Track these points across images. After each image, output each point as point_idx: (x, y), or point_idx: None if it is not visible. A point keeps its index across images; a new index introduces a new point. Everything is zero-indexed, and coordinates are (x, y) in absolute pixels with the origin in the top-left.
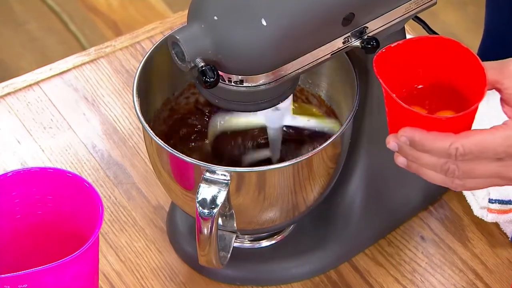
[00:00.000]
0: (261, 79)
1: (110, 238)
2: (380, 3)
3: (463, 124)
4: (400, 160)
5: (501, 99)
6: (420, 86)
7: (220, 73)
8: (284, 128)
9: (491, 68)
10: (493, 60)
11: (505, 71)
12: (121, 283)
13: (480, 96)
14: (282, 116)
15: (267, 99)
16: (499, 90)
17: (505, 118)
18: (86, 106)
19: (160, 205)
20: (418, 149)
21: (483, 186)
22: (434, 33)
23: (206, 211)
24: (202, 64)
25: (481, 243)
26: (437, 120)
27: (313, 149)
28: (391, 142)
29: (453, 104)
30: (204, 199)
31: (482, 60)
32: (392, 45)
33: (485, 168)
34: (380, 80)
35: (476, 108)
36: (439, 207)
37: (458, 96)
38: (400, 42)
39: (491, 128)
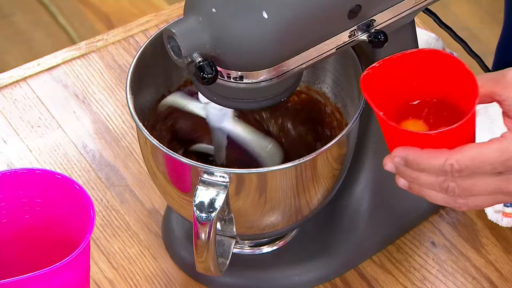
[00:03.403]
0: (262, 75)
1: (102, 243)
2: None
3: (458, 138)
4: (401, 182)
5: (503, 112)
6: (416, 102)
7: (219, 68)
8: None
9: (488, 80)
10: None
11: (502, 82)
12: None
13: (470, 108)
14: (223, 116)
15: (268, 96)
16: (499, 102)
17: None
18: (76, 103)
19: (155, 208)
20: (414, 168)
21: (488, 203)
22: (446, 26)
23: (203, 215)
24: (200, 59)
25: (496, 249)
26: (428, 136)
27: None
28: (388, 163)
29: (453, 120)
30: (201, 203)
31: (500, 58)
32: (376, 64)
33: (485, 184)
34: (368, 100)
35: (470, 120)
36: (451, 210)
37: (456, 111)
38: (385, 59)
39: (488, 141)
